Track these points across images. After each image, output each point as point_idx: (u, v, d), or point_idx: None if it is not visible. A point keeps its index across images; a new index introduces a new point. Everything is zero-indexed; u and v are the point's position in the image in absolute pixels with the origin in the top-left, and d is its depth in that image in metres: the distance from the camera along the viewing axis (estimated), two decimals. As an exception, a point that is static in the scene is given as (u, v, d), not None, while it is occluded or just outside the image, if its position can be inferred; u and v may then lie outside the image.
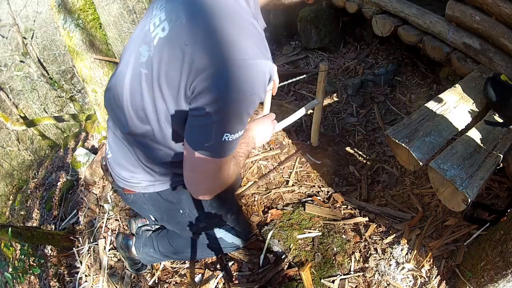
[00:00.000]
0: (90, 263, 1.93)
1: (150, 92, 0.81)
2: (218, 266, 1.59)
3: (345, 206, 1.68)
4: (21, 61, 7.39)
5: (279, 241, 1.54)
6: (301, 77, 1.72)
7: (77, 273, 1.94)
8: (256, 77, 0.72)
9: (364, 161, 2.04)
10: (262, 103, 1.18)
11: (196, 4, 0.75)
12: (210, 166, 0.82)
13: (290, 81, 1.55)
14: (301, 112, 1.69)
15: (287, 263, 1.48)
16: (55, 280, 2.07)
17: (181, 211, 1.14)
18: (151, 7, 0.88)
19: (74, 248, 2.09)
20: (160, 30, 0.79)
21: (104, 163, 1.18)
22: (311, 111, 1.85)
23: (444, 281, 1.28)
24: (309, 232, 1.55)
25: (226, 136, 0.76)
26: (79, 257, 2.02)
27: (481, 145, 1.35)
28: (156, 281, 1.65)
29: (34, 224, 2.84)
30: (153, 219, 1.22)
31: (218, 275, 1.53)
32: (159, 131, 0.87)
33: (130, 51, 0.89)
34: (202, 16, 0.73)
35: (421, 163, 1.31)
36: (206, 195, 0.94)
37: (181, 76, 0.74)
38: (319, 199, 1.75)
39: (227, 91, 0.70)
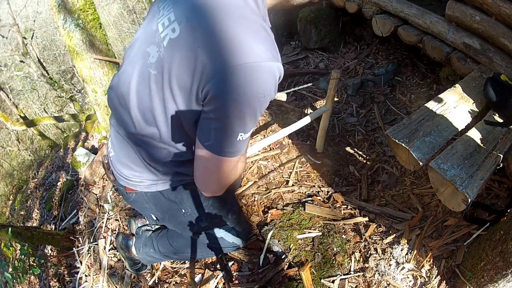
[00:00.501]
0: (90, 263, 1.93)
1: (159, 93, 0.81)
2: (218, 266, 1.59)
3: (345, 206, 1.68)
4: (21, 61, 7.39)
5: (279, 241, 1.54)
6: (308, 85, 1.72)
7: (77, 273, 1.94)
8: (268, 79, 0.73)
9: (364, 161, 2.04)
10: None
11: (206, 6, 0.75)
12: (225, 165, 0.85)
13: (296, 88, 1.57)
14: (306, 120, 1.68)
15: (287, 263, 1.48)
16: (55, 280, 2.07)
17: (183, 211, 1.14)
18: (157, 7, 0.87)
19: (74, 248, 2.09)
20: (170, 31, 0.78)
21: (106, 162, 1.18)
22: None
23: (444, 281, 1.28)
24: (309, 232, 1.55)
25: (241, 135, 0.79)
26: (79, 257, 2.02)
27: (481, 145, 1.35)
28: (156, 281, 1.65)
29: (34, 224, 2.84)
30: (154, 218, 1.22)
31: (218, 275, 1.53)
32: (167, 132, 0.87)
33: (136, 51, 0.88)
34: (213, 19, 0.74)
35: (421, 163, 1.31)
36: (217, 192, 0.96)
37: (193, 79, 0.74)
38: (319, 199, 1.75)
39: (241, 94, 0.71)
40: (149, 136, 0.90)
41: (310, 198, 1.76)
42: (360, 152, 2.11)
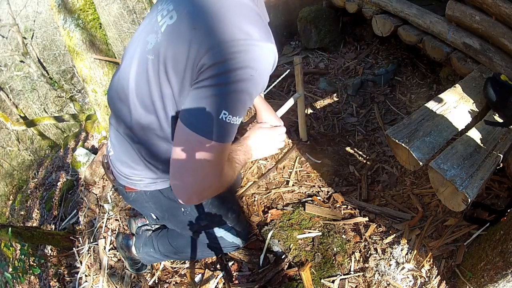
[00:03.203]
0: (90, 263, 1.93)
1: (156, 77, 0.82)
2: (218, 266, 1.59)
3: (345, 206, 1.68)
4: (21, 61, 7.40)
5: (279, 241, 1.54)
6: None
7: (77, 273, 1.94)
8: (259, 57, 0.74)
9: (364, 161, 2.04)
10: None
11: None
12: (203, 149, 0.74)
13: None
14: (289, 103, 1.74)
15: (287, 263, 1.48)
16: (55, 280, 2.07)
17: (183, 209, 1.15)
18: (156, 6, 0.90)
19: (74, 248, 2.09)
20: (168, 18, 0.81)
21: (105, 161, 1.18)
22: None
23: (444, 281, 1.28)
24: (309, 232, 1.55)
25: (224, 114, 0.73)
26: (79, 257, 2.02)
27: (481, 145, 1.35)
28: (156, 281, 1.65)
29: (34, 224, 2.84)
30: (154, 217, 1.22)
31: (218, 275, 1.53)
32: (165, 119, 0.87)
33: (135, 46, 0.90)
34: (209, 6, 0.76)
35: (421, 163, 1.31)
36: (193, 194, 0.80)
37: (187, 59, 0.75)
38: (319, 199, 1.75)
39: (229, 69, 0.71)
40: (147, 127, 0.90)
41: (310, 198, 1.76)
42: (360, 152, 2.11)
